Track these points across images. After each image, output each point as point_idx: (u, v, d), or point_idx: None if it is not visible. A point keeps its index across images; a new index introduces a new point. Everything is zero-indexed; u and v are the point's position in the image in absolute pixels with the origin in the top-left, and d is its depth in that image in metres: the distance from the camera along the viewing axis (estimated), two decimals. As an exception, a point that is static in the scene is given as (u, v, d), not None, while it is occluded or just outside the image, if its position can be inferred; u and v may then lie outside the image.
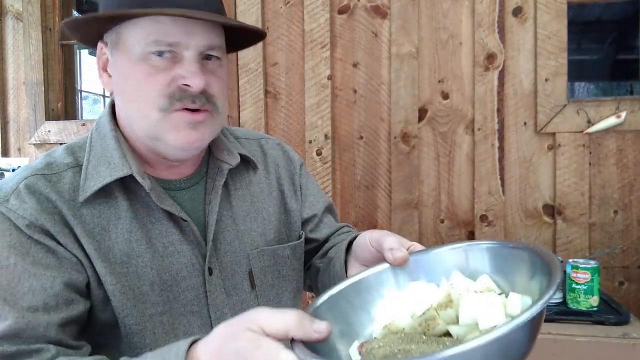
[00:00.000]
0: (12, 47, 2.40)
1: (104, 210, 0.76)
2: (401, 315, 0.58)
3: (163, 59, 0.73)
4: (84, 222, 0.74)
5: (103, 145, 0.79)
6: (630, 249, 1.79)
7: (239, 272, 0.84)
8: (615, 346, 1.22)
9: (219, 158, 0.86)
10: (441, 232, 1.93)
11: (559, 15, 1.79)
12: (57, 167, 0.78)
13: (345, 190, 2.01)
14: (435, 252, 0.66)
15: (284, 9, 2.03)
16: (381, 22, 1.95)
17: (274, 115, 2.06)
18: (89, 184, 0.76)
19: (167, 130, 0.75)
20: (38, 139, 2.35)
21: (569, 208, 1.81)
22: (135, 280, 0.76)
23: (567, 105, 1.80)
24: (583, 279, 1.33)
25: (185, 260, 0.79)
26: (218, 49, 0.77)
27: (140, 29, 0.73)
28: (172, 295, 0.78)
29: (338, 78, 1.99)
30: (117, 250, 0.75)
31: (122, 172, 0.75)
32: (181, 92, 0.74)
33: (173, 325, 0.78)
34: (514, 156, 1.86)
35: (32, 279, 0.69)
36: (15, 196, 0.72)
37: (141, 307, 0.75)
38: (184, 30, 0.73)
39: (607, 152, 1.79)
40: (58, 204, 0.73)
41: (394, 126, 1.94)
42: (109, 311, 0.75)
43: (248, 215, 0.88)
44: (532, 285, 0.56)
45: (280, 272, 0.90)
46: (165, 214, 0.78)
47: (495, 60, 1.85)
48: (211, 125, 0.78)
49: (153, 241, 0.78)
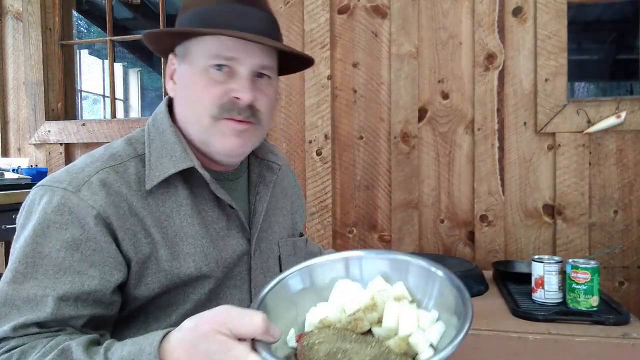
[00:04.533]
0: (12, 47, 2.40)
1: (166, 199, 0.85)
2: (333, 311, 0.68)
3: (221, 73, 0.84)
4: (152, 211, 0.83)
5: (162, 139, 0.88)
6: (630, 249, 1.79)
7: (272, 257, 0.98)
8: (615, 346, 1.22)
9: (265, 158, 1.00)
10: (441, 232, 1.93)
11: (559, 15, 1.79)
12: (120, 158, 0.85)
13: (345, 190, 2.01)
14: (381, 256, 0.75)
15: (284, 9, 2.03)
16: (381, 22, 1.95)
17: (274, 116, 2.06)
18: (154, 174, 0.84)
19: (215, 136, 0.85)
20: (38, 139, 2.35)
21: (569, 208, 1.81)
22: (203, 258, 0.85)
23: (567, 105, 1.80)
24: (583, 279, 1.33)
25: (234, 242, 0.91)
26: (270, 69, 0.88)
27: (205, 44, 0.84)
28: (227, 270, 0.89)
29: (338, 78, 2.00)
30: (182, 234, 0.85)
31: (185, 165, 0.84)
32: (231, 104, 0.84)
33: (219, 296, 0.89)
34: (514, 156, 1.86)
35: (74, 275, 0.75)
36: (87, 187, 0.79)
37: (207, 281, 0.86)
38: (241, 48, 0.83)
39: (607, 152, 1.79)
40: (128, 197, 0.81)
41: (394, 126, 1.94)
42: (162, 293, 0.83)
43: (276, 210, 1.02)
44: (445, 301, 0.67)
45: (297, 261, 1.03)
46: (215, 202, 0.89)
47: (495, 60, 1.85)
48: (253, 136, 0.88)
49: (209, 226, 0.88)
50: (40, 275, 0.75)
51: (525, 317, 1.33)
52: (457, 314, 0.62)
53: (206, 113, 0.84)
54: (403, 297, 0.69)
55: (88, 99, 8.84)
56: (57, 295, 0.73)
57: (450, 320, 0.63)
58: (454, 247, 1.92)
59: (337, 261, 0.76)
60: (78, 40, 4.15)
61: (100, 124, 2.32)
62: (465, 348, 1.28)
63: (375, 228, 1.99)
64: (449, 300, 0.65)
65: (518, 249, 1.87)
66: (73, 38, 2.55)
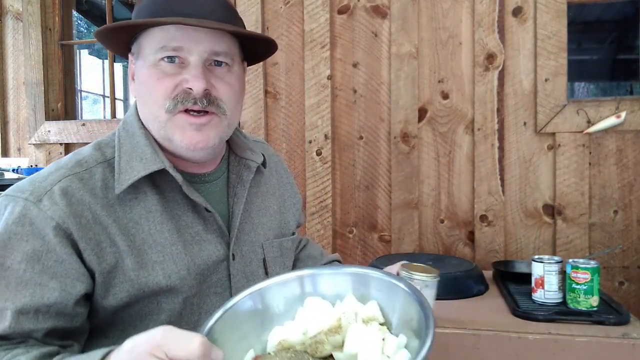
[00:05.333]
0: (12, 47, 2.40)
1: (135, 205, 0.82)
2: (294, 332, 0.64)
3: (172, 65, 0.80)
4: (118, 219, 0.80)
5: (132, 142, 0.85)
6: (630, 249, 1.79)
7: (255, 260, 0.93)
8: (615, 346, 1.22)
9: (243, 156, 0.94)
10: (441, 232, 1.93)
11: (559, 15, 1.79)
12: (86, 164, 0.83)
13: (345, 190, 2.01)
14: (338, 272, 0.72)
15: (283, 9, 2.03)
16: (381, 22, 1.95)
17: (274, 116, 2.06)
18: (124, 178, 0.81)
19: (174, 131, 0.81)
20: (38, 139, 2.35)
21: (569, 208, 1.81)
22: (173, 267, 0.82)
23: (567, 105, 1.80)
24: (583, 279, 1.33)
25: (211, 247, 0.87)
26: (225, 55, 0.83)
27: (152, 37, 0.81)
28: (202, 278, 0.85)
29: (338, 78, 1.99)
30: (151, 241, 0.81)
31: (155, 166, 0.81)
32: (184, 95, 0.80)
33: (199, 305, 0.85)
34: (514, 156, 1.86)
35: (35, 287, 0.74)
36: (48, 197, 0.77)
37: (178, 291, 0.82)
38: (187, 37, 0.79)
39: (607, 152, 1.79)
40: (92, 205, 0.78)
41: (393, 126, 1.94)
42: (132, 302, 0.80)
43: (260, 210, 0.97)
44: (411, 324, 0.62)
45: (285, 263, 1.00)
46: (190, 206, 0.85)
47: (495, 60, 1.85)
48: (217, 127, 0.83)
49: (182, 231, 0.84)
50: (2, 287, 0.74)
51: (525, 317, 1.33)
52: (418, 335, 0.58)
53: (161, 108, 0.80)
54: (374, 318, 0.64)
55: (88, 99, 8.84)
56: (16, 308, 0.72)
57: (412, 344, 0.59)
58: (454, 247, 1.92)
59: (290, 281, 0.71)
60: (78, 40, 4.15)
61: (100, 124, 2.32)
62: (465, 348, 1.28)
63: (375, 228, 1.99)
64: (412, 316, 0.61)
65: (518, 249, 1.87)
66: (73, 38, 2.55)
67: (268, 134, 2.06)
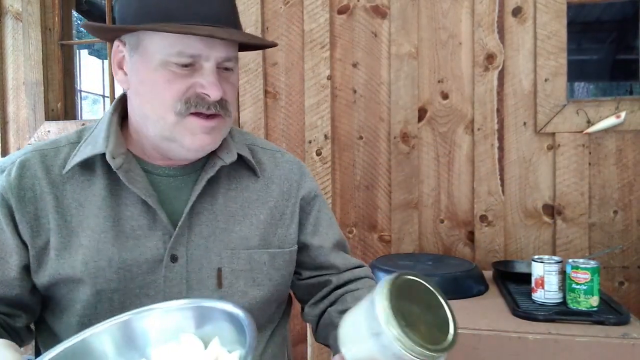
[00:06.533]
0: (12, 47, 2.40)
1: (84, 187, 0.82)
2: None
3: (184, 68, 0.78)
4: (63, 197, 0.81)
5: (101, 127, 0.86)
6: (630, 249, 1.79)
7: (207, 268, 0.84)
8: (615, 346, 1.22)
9: (219, 155, 0.87)
10: (441, 232, 1.93)
11: (559, 15, 1.79)
12: (58, 142, 0.86)
13: (345, 190, 2.01)
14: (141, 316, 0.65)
15: (283, 9, 2.03)
16: (381, 22, 1.95)
17: (274, 116, 2.06)
18: (74, 159, 0.82)
19: (183, 134, 0.79)
20: (38, 139, 2.34)
21: (569, 208, 1.81)
22: (94, 254, 0.80)
23: (567, 105, 1.80)
24: (583, 279, 1.33)
25: (150, 244, 0.81)
26: (234, 60, 0.83)
27: (163, 38, 0.77)
28: (129, 275, 0.80)
29: (338, 78, 1.99)
30: (85, 224, 0.80)
31: (98, 150, 0.81)
32: (198, 99, 0.78)
33: (124, 304, 0.80)
34: (514, 156, 1.86)
35: None
36: (8, 170, 0.82)
37: (92, 280, 0.79)
38: (206, 44, 0.77)
39: (607, 152, 1.79)
40: (42, 181, 0.81)
41: (393, 126, 1.94)
42: (54, 282, 0.81)
43: (233, 217, 0.87)
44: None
45: (255, 279, 0.88)
46: (138, 198, 0.82)
47: (495, 60, 1.85)
48: (223, 129, 0.84)
49: (122, 222, 0.81)
50: None
51: (525, 317, 1.33)
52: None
53: (170, 110, 0.78)
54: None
55: (88, 99, 8.85)
56: None
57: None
58: (454, 247, 1.92)
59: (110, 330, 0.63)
60: (78, 40, 4.15)
61: (100, 124, 2.32)
62: (465, 348, 1.28)
63: (375, 228, 1.99)
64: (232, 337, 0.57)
65: (518, 249, 1.87)
66: (73, 38, 2.55)
67: (268, 134, 2.06)
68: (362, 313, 0.55)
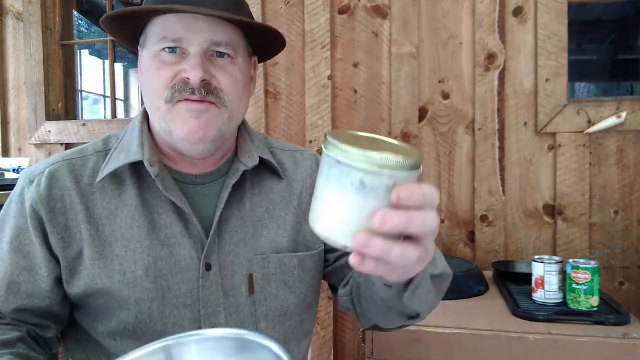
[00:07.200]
0: (13, 47, 2.40)
1: (114, 196, 0.82)
2: None
3: (173, 55, 0.78)
4: (94, 206, 0.81)
5: (131, 135, 0.85)
6: (630, 249, 1.79)
7: (239, 274, 0.83)
8: (615, 346, 1.22)
9: (241, 160, 0.87)
10: (441, 232, 1.93)
11: (559, 15, 1.79)
12: (85, 151, 0.86)
13: (345, 190, 2.00)
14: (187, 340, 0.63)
15: (284, 9, 2.03)
16: (381, 22, 1.95)
17: (275, 116, 2.06)
18: (107, 167, 0.82)
19: (175, 122, 0.79)
20: (38, 139, 2.35)
21: (569, 208, 1.81)
22: (131, 264, 0.79)
23: (568, 105, 1.80)
24: (583, 279, 1.33)
25: (185, 252, 0.81)
26: (227, 46, 0.79)
27: (154, 28, 0.80)
28: (165, 284, 0.80)
29: (338, 78, 2.00)
30: (119, 234, 0.80)
31: (133, 158, 0.80)
32: (182, 84, 0.77)
33: (163, 313, 0.79)
34: (514, 156, 1.86)
35: (11, 263, 0.80)
36: (38, 179, 0.81)
37: (129, 290, 0.78)
38: (186, 27, 0.77)
39: (608, 152, 1.79)
40: (72, 191, 0.81)
41: (394, 126, 1.94)
42: (90, 292, 0.80)
43: (260, 221, 0.87)
44: None
45: (287, 282, 0.87)
46: (171, 206, 0.81)
47: (496, 60, 1.85)
48: (216, 118, 0.79)
49: (157, 230, 0.81)
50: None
51: (525, 317, 1.33)
52: None
53: (160, 98, 0.78)
54: None
55: (88, 99, 8.85)
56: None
57: None
58: (454, 247, 1.92)
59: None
60: (78, 40, 4.15)
61: (100, 123, 2.32)
62: (465, 348, 1.28)
63: (376, 228, 1.98)
64: None
65: (518, 249, 1.87)
66: (73, 38, 2.55)
67: (269, 134, 2.06)
68: (318, 182, 0.48)
